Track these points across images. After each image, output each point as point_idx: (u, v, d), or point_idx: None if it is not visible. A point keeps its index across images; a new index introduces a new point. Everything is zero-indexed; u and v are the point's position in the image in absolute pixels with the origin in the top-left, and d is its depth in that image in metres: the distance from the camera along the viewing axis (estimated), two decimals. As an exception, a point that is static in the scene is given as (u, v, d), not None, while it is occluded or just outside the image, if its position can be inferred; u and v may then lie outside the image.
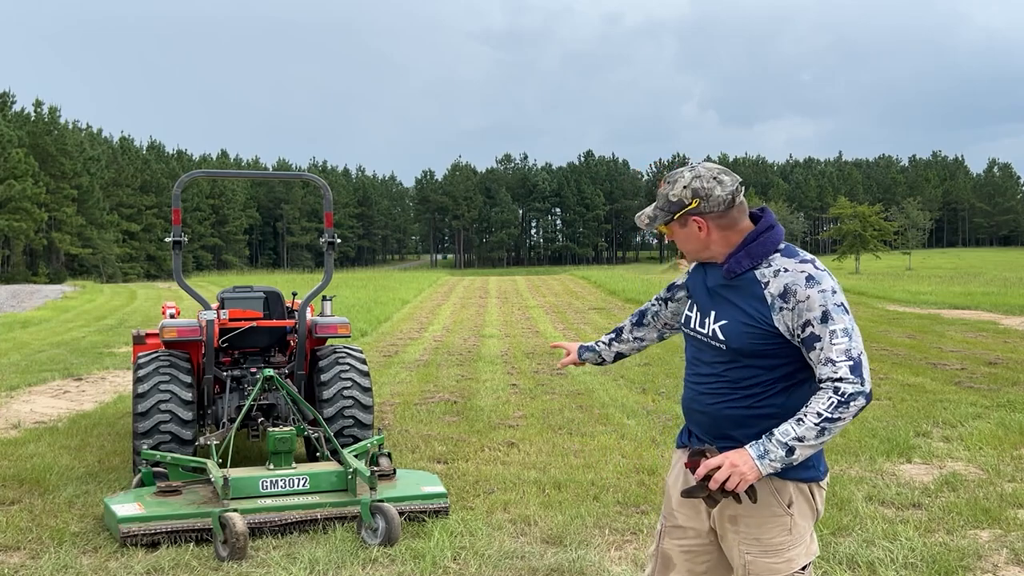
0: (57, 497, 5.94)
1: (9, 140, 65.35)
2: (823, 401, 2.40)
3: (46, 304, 28.95)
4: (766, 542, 2.61)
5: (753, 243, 2.59)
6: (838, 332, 2.44)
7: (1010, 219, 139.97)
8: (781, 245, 2.61)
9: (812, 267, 2.53)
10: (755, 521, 2.61)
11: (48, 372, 12.43)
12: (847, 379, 2.39)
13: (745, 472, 2.41)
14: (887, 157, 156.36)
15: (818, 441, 2.40)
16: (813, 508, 2.66)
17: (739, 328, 2.57)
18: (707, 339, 2.67)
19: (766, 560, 2.61)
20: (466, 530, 5.19)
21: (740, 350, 2.57)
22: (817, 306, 2.47)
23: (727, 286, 2.64)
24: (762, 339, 2.54)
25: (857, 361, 2.42)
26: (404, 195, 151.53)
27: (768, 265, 2.57)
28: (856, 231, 68.55)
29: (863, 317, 20.03)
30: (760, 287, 2.56)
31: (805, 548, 2.65)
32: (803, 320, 2.48)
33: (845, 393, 2.38)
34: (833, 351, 2.43)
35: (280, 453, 5.60)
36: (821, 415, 2.38)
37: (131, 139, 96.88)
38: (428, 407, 9.37)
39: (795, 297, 2.49)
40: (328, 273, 6.78)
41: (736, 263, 2.60)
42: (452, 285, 39.22)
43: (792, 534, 2.61)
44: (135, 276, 79.53)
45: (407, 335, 17.80)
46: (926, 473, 6.52)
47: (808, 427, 2.39)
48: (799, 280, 2.51)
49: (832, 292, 2.49)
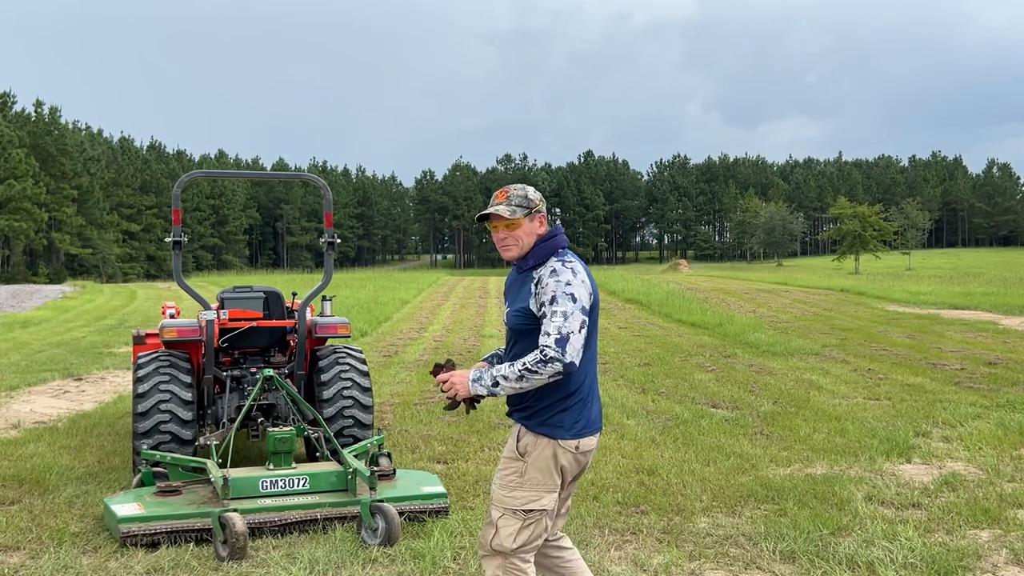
0: (57, 497, 5.94)
1: (9, 140, 65.34)
2: (532, 356, 3.09)
3: (46, 304, 28.95)
4: (503, 478, 3.31)
5: (539, 246, 3.33)
6: (558, 313, 3.11)
7: (1009, 219, 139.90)
8: (559, 250, 3.33)
9: (560, 264, 3.24)
10: (503, 462, 3.34)
11: (48, 372, 12.43)
12: (550, 347, 3.07)
13: (458, 388, 3.23)
14: (887, 157, 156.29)
15: (517, 384, 3.11)
16: (552, 465, 3.25)
17: (514, 312, 3.29)
18: (506, 324, 3.38)
19: (500, 492, 3.30)
20: (466, 530, 5.19)
21: (513, 328, 3.31)
22: (550, 291, 3.16)
23: (521, 281, 3.34)
24: (523, 319, 3.24)
25: (564, 337, 3.07)
26: (404, 195, 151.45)
27: (545, 264, 3.28)
28: (856, 231, 68.62)
29: (863, 317, 20.05)
30: (532, 281, 3.26)
31: (535, 496, 3.24)
32: (540, 301, 3.18)
33: (547, 355, 3.06)
34: (549, 326, 3.10)
35: (280, 453, 5.60)
36: (525, 365, 3.09)
37: (131, 139, 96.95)
38: (428, 407, 9.38)
39: (540, 284, 3.21)
40: (328, 273, 6.79)
41: (524, 262, 3.34)
42: (452, 285, 39.22)
43: (523, 478, 3.26)
44: (135, 276, 79.53)
45: (407, 335, 17.80)
46: (926, 473, 6.52)
47: (514, 371, 3.10)
48: (546, 272, 3.23)
49: (566, 284, 3.16)
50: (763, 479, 6.29)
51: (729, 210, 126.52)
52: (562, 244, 3.35)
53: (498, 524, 3.26)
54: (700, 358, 13.29)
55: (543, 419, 3.24)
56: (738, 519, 5.45)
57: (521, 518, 3.24)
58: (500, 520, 3.26)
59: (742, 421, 8.39)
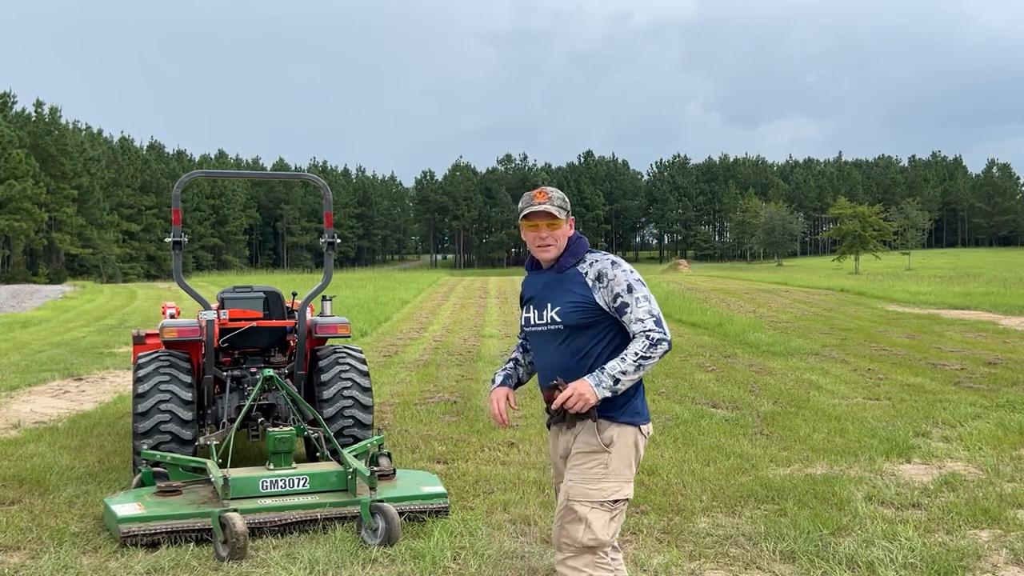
0: (57, 497, 5.94)
1: (10, 140, 65.35)
2: (639, 344, 3.20)
3: (46, 304, 28.96)
4: (585, 471, 3.28)
5: (574, 245, 3.43)
6: (641, 298, 3.26)
7: (1009, 219, 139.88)
8: (589, 247, 3.45)
9: (613, 257, 3.38)
10: (580, 457, 3.31)
11: (48, 372, 12.44)
12: (654, 330, 3.21)
13: (587, 397, 3.18)
14: (887, 157, 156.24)
15: (636, 374, 3.19)
16: (633, 452, 3.33)
17: (570, 308, 3.31)
18: (547, 326, 3.38)
19: (583, 486, 3.27)
20: (466, 530, 5.19)
21: (573, 325, 3.31)
22: (623, 281, 3.28)
23: (559, 280, 3.39)
24: (587, 313, 3.30)
25: (658, 318, 3.25)
26: (404, 195, 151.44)
27: (585, 260, 3.40)
28: (856, 231, 68.61)
29: (863, 317, 20.06)
30: (583, 276, 3.36)
31: (620, 486, 3.28)
32: (614, 293, 3.28)
33: (654, 338, 3.20)
34: (640, 311, 3.24)
35: (280, 453, 5.60)
36: (638, 354, 3.18)
37: (131, 139, 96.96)
38: (428, 407, 9.38)
39: (607, 277, 3.30)
40: (328, 273, 6.79)
41: (564, 261, 3.41)
42: (452, 285, 39.22)
43: (608, 469, 3.28)
44: (135, 276, 79.53)
45: (407, 335, 17.80)
46: (925, 473, 6.52)
47: (629, 363, 3.18)
48: (607, 265, 3.34)
49: (630, 271, 3.32)
50: (763, 479, 6.29)
51: (729, 210, 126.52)
52: (587, 242, 3.49)
53: (588, 518, 3.23)
54: (700, 358, 13.30)
55: (625, 408, 3.30)
56: (738, 519, 5.45)
57: (609, 509, 3.26)
58: (590, 514, 3.23)
59: (742, 421, 8.40)
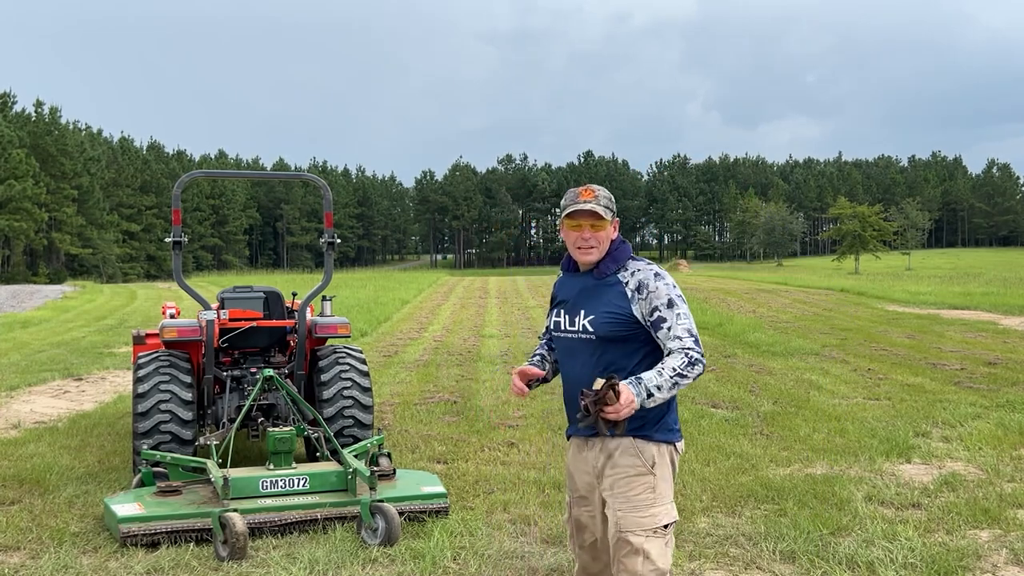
0: (57, 497, 5.94)
1: (10, 140, 65.34)
2: (677, 361, 3.00)
3: (46, 304, 28.95)
4: (632, 499, 3.09)
5: (616, 251, 3.22)
6: (681, 315, 3.07)
7: (1009, 219, 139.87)
8: (632, 254, 3.24)
9: (657, 267, 3.18)
10: (624, 481, 3.12)
11: (48, 372, 12.43)
12: (693, 348, 3.03)
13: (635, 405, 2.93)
14: (886, 157, 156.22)
15: (669, 392, 2.98)
16: (672, 470, 3.17)
17: (604, 319, 3.13)
18: (577, 334, 3.20)
19: (633, 515, 3.08)
20: (466, 530, 5.19)
21: (605, 337, 3.12)
22: (664, 295, 3.09)
23: (596, 286, 3.20)
24: (623, 326, 3.11)
25: (696, 337, 3.07)
26: (404, 195, 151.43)
27: (626, 268, 3.19)
28: (856, 231, 68.59)
29: (863, 317, 20.06)
30: (622, 285, 3.15)
31: (667, 509, 3.12)
32: (652, 306, 3.09)
33: (693, 357, 3.01)
34: (679, 329, 3.05)
35: (280, 453, 5.60)
36: (676, 371, 2.98)
37: (131, 139, 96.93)
38: (428, 407, 9.38)
39: (647, 289, 3.11)
40: (328, 273, 6.79)
41: (605, 266, 3.20)
42: (452, 285, 39.23)
43: (655, 493, 3.10)
44: (135, 276, 79.51)
45: (407, 335, 17.80)
46: (925, 473, 6.52)
47: (666, 379, 2.97)
48: (649, 276, 3.13)
49: (673, 286, 3.13)
50: (763, 479, 6.29)
51: (729, 210, 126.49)
52: (630, 249, 3.27)
53: (646, 548, 3.03)
54: (700, 358, 13.28)
55: (660, 425, 3.14)
56: (738, 519, 5.45)
57: (663, 535, 3.08)
58: (647, 544, 3.04)
59: (742, 421, 8.40)
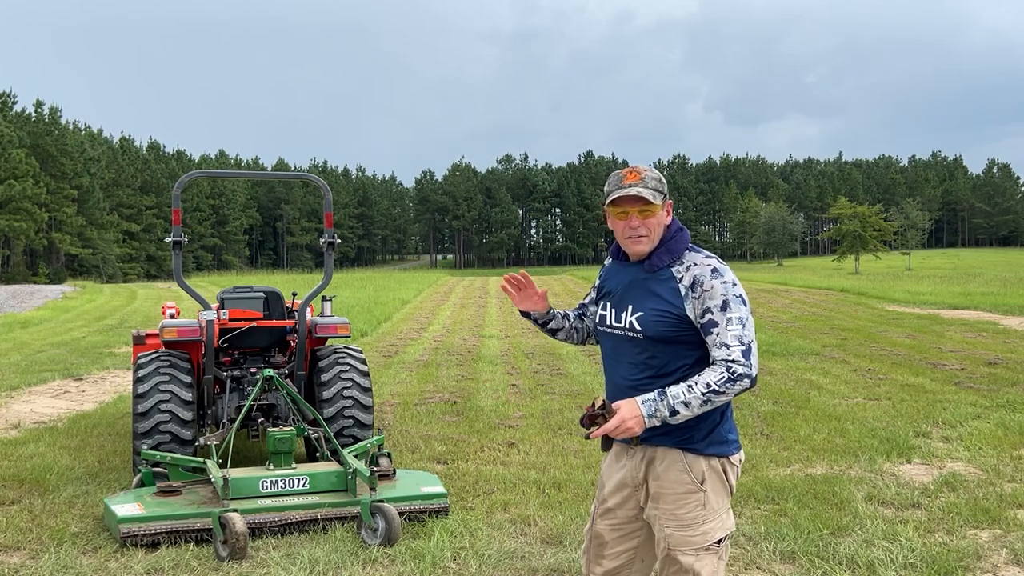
0: (57, 497, 5.94)
1: (10, 140, 65.35)
2: (715, 374, 2.65)
3: (46, 304, 28.95)
4: (682, 516, 2.83)
5: (671, 240, 2.86)
6: (733, 320, 2.70)
7: (1009, 219, 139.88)
8: (691, 244, 2.87)
9: (716, 262, 2.80)
10: (672, 498, 2.84)
11: (48, 372, 12.43)
12: (739, 361, 2.65)
13: (633, 429, 2.65)
14: (887, 157, 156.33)
15: (700, 409, 2.65)
16: (725, 484, 2.88)
17: (653, 317, 2.80)
18: (624, 332, 2.89)
19: (683, 534, 2.83)
20: (466, 530, 5.19)
21: (655, 337, 2.80)
22: (719, 295, 2.72)
23: (647, 279, 2.86)
24: (674, 326, 2.77)
25: (748, 347, 2.67)
26: (404, 195, 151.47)
27: (681, 262, 2.82)
28: (856, 231, 68.56)
29: (863, 317, 20.05)
30: (676, 280, 2.80)
31: (720, 523, 2.86)
32: (705, 307, 2.73)
33: (735, 372, 2.64)
34: (728, 336, 2.68)
35: (280, 453, 5.60)
36: (710, 386, 2.63)
37: (131, 139, 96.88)
38: (428, 407, 9.38)
39: (701, 287, 2.74)
40: (328, 273, 6.78)
41: (658, 258, 2.84)
42: (452, 285, 39.23)
43: (706, 509, 2.83)
44: (135, 276, 79.52)
45: (407, 335, 17.80)
46: (926, 473, 6.52)
47: (696, 395, 2.63)
48: (706, 272, 2.76)
49: (732, 284, 2.75)
50: (763, 479, 6.29)
51: (729, 210, 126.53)
52: (689, 237, 2.91)
53: (695, 568, 2.83)
54: (700, 358, 13.28)
55: (711, 438, 2.83)
56: (738, 519, 5.44)
57: (715, 551, 2.86)
58: (697, 563, 2.83)
59: (742, 421, 8.39)
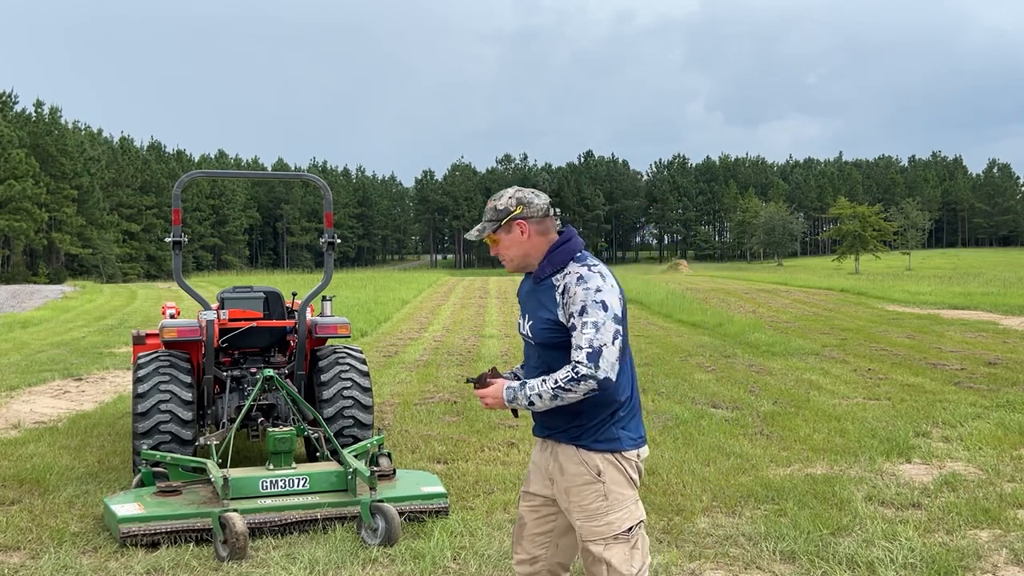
0: (57, 497, 5.94)
1: (10, 140, 65.36)
2: (563, 373, 2.84)
3: (46, 304, 28.95)
4: (586, 507, 2.98)
5: (555, 252, 3.04)
6: (588, 324, 2.84)
7: (1009, 219, 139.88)
8: (577, 254, 3.03)
9: (587, 270, 2.95)
10: (575, 489, 3.00)
11: (48, 372, 12.43)
12: (583, 362, 2.81)
13: (490, 404, 2.98)
14: (887, 157, 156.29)
15: (552, 403, 2.87)
16: (626, 476, 3.01)
17: (541, 325, 3.00)
18: (525, 338, 3.12)
19: (590, 525, 2.97)
20: (466, 530, 5.19)
21: (542, 344, 3.01)
22: (579, 300, 2.88)
23: (535, 290, 3.07)
24: (555, 333, 2.96)
25: (597, 350, 2.81)
26: (404, 195, 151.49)
27: (563, 272, 3.00)
28: (856, 231, 68.65)
29: (863, 317, 20.06)
30: (555, 290, 2.98)
31: (628, 513, 2.99)
32: (569, 312, 2.91)
33: (579, 372, 2.81)
34: (581, 339, 2.84)
35: (280, 453, 5.60)
36: (557, 383, 2.83)
37: (131, 139, 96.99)
38: (428, 407, 9.38)
39: (567, 293, 2.93)
40: (328, 273, 6.78)
41: (541, 270, 3.04)
42: (452, 285, 39.23)
43: (608, 500, 2.96)
44: (135, 276, 79.53)
45: (407, 335, 17.80)
46: (926, 473, 6.52)
47: (547, 390, 2.85)
48: (572, 279, 2.94)
49: (596, 291, 2.89)
50: (763, 479, 6.29)
51: (729, 210, 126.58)
52: (579, 247, 3.05)
53: (606, 556, 2.93)
54: (700, 358, 13.29)
55: (598, 436, 2.97)
56: (738, 519, 5.45)
57: (625, 540, 2.96)
58: (606, 552, 2.94)
59: (742, 421, 8.40)
